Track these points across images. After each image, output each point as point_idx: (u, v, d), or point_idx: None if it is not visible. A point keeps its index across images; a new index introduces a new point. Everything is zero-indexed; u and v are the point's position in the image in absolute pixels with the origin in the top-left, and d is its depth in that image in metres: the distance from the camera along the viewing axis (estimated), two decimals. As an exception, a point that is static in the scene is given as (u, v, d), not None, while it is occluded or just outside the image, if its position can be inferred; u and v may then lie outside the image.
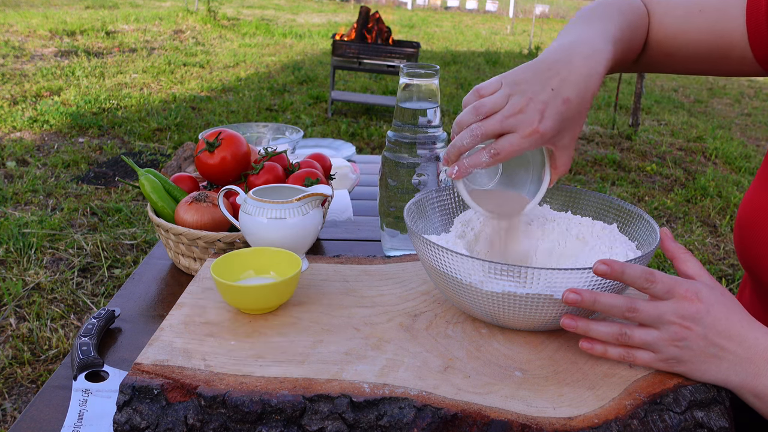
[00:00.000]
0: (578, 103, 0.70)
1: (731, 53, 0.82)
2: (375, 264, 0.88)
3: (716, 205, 3.88)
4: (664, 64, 0.89)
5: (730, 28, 0.80)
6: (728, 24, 0.80)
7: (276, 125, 1.42)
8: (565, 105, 0.69)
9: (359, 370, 0.63)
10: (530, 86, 0.70)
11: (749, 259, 0.80)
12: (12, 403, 1.89)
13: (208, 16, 10.09)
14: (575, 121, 0.71)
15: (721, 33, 0.81)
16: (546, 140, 0.70)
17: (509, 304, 0.68)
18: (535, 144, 0.69)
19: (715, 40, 0.82)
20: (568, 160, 0.74)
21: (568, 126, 0.71)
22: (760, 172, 0.82)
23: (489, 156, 0.70)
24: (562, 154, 0.73)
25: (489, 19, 16.55)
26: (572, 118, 0.70)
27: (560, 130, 0.70)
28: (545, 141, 0.70)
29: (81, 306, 2.37)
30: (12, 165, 3.66)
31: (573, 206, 0.86)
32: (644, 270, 0.63)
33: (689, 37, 0.84)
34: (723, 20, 0.81)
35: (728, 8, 0.80)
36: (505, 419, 0.57)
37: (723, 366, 0.62)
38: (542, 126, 0.68)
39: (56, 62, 6.49)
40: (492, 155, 0.70)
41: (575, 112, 0.70)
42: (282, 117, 5.18)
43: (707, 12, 0.82)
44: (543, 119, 0.68)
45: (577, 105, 0.70)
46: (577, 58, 0.71)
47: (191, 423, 0.59)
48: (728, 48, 0.81)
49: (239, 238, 0.94)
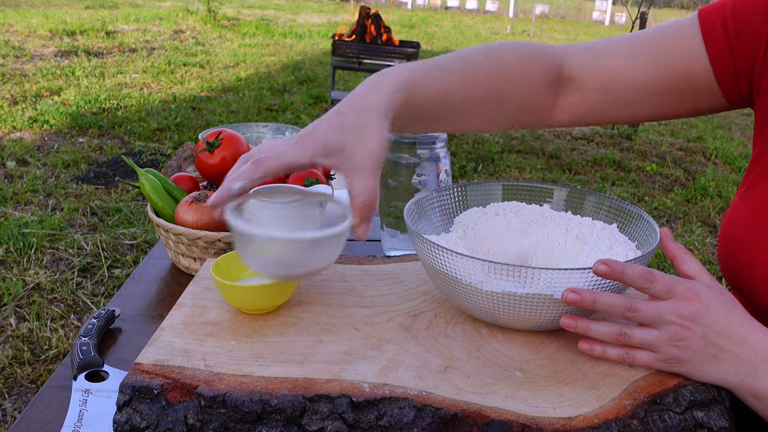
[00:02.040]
0: (355, 113, 0.64)
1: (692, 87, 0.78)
2: (375, 264, 0.88)
3: (716, 205, 3.88)
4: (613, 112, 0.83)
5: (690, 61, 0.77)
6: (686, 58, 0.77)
7: (276, 125, 1.42)
8: (338, 116, 0.65)
9: (359, 370, 0.63)
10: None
11: (736, 278, 0.77)
12: (12, 403, 1.89)
13: (208, 16, 10.09)
14: (359, 134, 0.63)
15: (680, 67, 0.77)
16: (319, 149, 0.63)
17: (509, 304, 0.68)
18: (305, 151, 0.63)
19: (673, 75, 0.78)
20: (364, 188, 0.62)
21: (350, 141, 0.63)
22: (742, 189, 0.80)
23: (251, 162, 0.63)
24: (355, 179, 0.63)
25: (489, 19, 16.55)
26: (353, 129, 0.63)
27: (342, 143, 0.63)
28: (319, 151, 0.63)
29: (81, 306, 2.37)
30: (12, 165, 3.66)
31: (573, 206, 0.86)
32: (644, 270, 0.63)
33: (643, 77, 0.79)
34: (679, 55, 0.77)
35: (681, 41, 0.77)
36: (505, 419, 0.57)
37: (722, 366, 0.62)
38: (312, 133, 0.64)
39: (56, 62, 6.49)
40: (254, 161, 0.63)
41: (356, 122, 0.64)
42: (282, 117, 5.18)
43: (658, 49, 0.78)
44: (314, 129, 0.64)
45: (354, 114, 0.64)
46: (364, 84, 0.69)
47: (191, 423, 0.59)
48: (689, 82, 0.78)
49: (239, 238, 0.93)
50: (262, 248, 0.59)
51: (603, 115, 0.84)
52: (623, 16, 18.02)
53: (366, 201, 0.62)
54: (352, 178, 0.63)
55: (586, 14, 19.65)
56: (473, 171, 4.17)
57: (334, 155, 0.63)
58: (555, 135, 5.23)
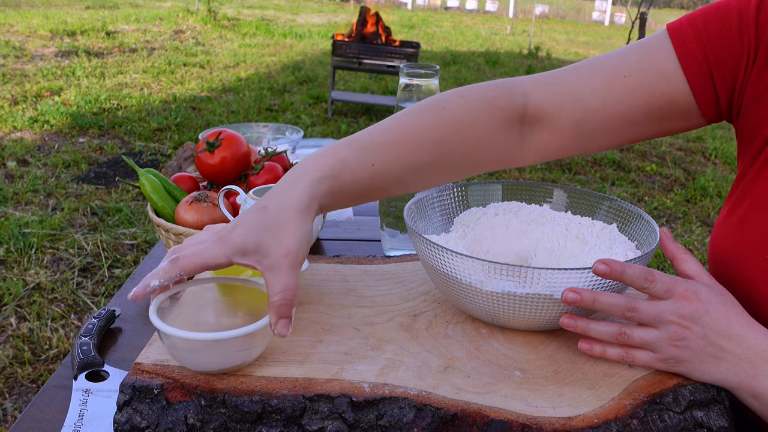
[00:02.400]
0: (276, 210, 0.64)
1: (672, 110, 0.75)
2: (375, 264, 0.88)
3: (716, 205, 3.88)
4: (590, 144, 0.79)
5: (668, 85, 0.73)
6: (664, 82, 0.73)
7: (276, 125, 1.43)
8: (260, 213, 0.64)
9: (359, 369, 0.63)
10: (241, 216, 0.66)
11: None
12: (12, 403, 1.89)
13: (208, 16, 10.09)
14: (275, 232, 0.63)
15: (658, 92, 0.73)
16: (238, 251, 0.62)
17: (509, 304, 0.68)
18: (222, 252, 0.62)
19: (651, 101, 0.74)
20: (281, 287, 0.61)
21: (270, 239, 0.62)
22: (727, 207, 0.77)
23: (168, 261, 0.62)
24: (269, 277, 0.62)
25: (489, 19, 16.55)
26: (269, 228, 0.63)
27: (259, 243, 0.62)
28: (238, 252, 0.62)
29: (81, 306, 2.37)
30: (12, 165, 3.66)
31: (573, 206, 0.86)
32: (643, 270, 0.63)
33: (620, 107, 0.74)
34: (656, 79, 0.73)
35: (656, 64, 0.73)
36: (505, 419, 0.58)
37: (722, 366, 0.62)
38: (230, 234, 0.63)
39: (56, 62, 6.49)
40: (171, 260, 0.62)
41: (272, 221, 0.63)
42: (282, 117, 5.18)
43: (633, 75, 0.74)
44: (234, 228, 0.63)
45: (274, 213, 0.63)
46: (287, 174, 0.68)
47: (191, 423, 0.59)
48: (668, 106, 0.74)
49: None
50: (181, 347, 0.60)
51: (578, 148, 0.80)
52: (623, 16, 18.03)
53: (282, 300, 0.61)
54: (267, 277, 0.62)
55: (586, 14, 19.65)
56: (473, 171, 4.16)
57: (250, 255, 0.62)
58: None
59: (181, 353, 0.61)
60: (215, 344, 0.59)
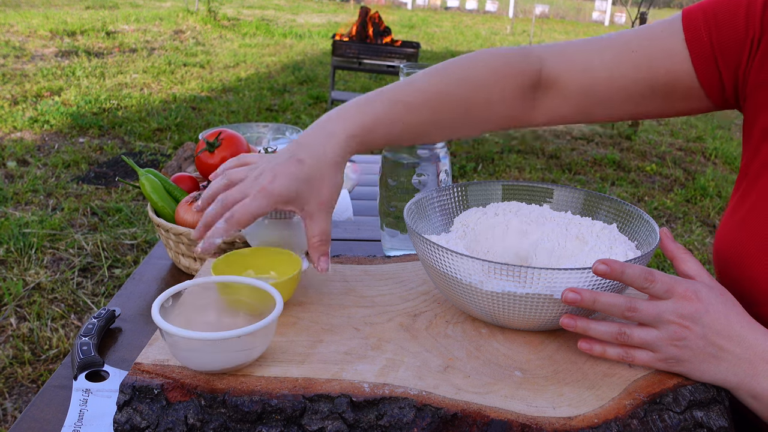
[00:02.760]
0: (313, 164, 0.71)
1: (676, 89, 0.78)
2: (375, 264, 0.88)
3: (716, 205, 3.88)
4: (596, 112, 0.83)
5: (673, 63, 0.76)
6: (669, 60, 0.76)
7: (276, 125, 1.42)
8: (298, 165, 0.71)
9: (359, 369, 0.63)
10: (274, 157, 0.74)
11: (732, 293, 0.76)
12: (12, 403, 1.89)
13: (208, 16, 10.09)
14: (314, 183, 0.71)
15: (663, 69, 0.77)
16: (280, 200, 0.70)
17: (509, 304, 0.68)
18: (266, 203, 0.69)
19: (656, 77, 0.77)
20: (317, 231, 0.72)
21: (308, 189, 0.71)
22: (734, 202, 0.79)
23: (225, 221, 0.70)
24: (308, 222, 0.72)
25: (489, 19, 16.55)
26: (309, 179, 0.71)
27: (298, 192, 0.70)
28: (280, 201, 0.70)
29: (81, 306, 2.37)
30: (12, 165, 3.66)
31: (573, 206, 0.86)
32: (643, 270, 0.63)
33: (626, 80, 0.79)
34: (662, 56, 0.77)
35: (664, 43, 0.76)
36: (505, 419, 0.58)
37: (722, 366, 0.62)
38: (271, 185, 0.70)
39: (56, 62, 6.49)
40: (226, 219, 0.70)
41: (311, 173, 0.71)
42: (282, 117, 5.18)
43: (641, 51, 0.78)
44: (274, 179, 0.70)
45: (311, 166, 0.71)
46: (315, 127, 0.74)
47: (191, 423, 0.59)
48: (673, 84, 0.77)
49: (239, 238, 0.94)
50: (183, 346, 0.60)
51: (585, 115, 0.84)
52: (623, 16, 18.02)
53: (320, 240, 0.72)
54: (307, 222, 0.72)
55: (585, 14, 19.65)
56: (473, 171, 4.17)
57: (291, 203, 0.71)
58: (555, 135, 5.23)
59: (182, 352, 0.61)
60: (216, 344, 0.59)
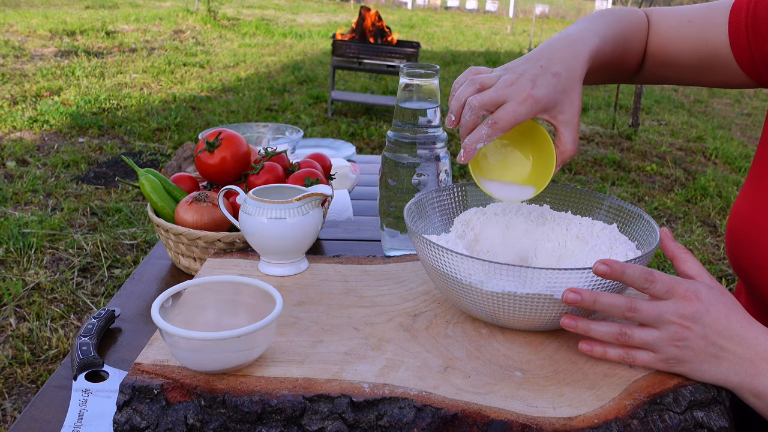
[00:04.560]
0: (567, 77, 0.75)
1: (716, 62, 0.85)
2: (375, 264, 0.88)
3: (716, 205, 3.88)
4: (660, 75, 0.93)
5: (715, 36, 0.83)
6: (713, 33, 0.84)
7: (276, 125, 1.42)
8: (555, 77, 0.74)
9: (359, 370, 0.63)
10: (520, 66, 0.76)
11: (742, 270, 0.80)
12: (12, 403, 1.89)
13: (208, 16, 10.09)
14: (569, 94, 0.75)
15: (706, 42, 0.84)
16: (542, 107, 0.73)
17: (509, 304, 0.68)
18: (531, 109, 0.72)
19: (700, 49, 0.85)
20: (572, 140, 0.76)
21: (563, 99, 0.74)
22: (748, 180, 0.83)
23: (488, 127, 0.73)
24: (565, 131, 0.76)
25: (489, 19, 16.55)
26: (565, 90, 0.74)
27: (556, 102, 0.74)
28: (541, 108, 0.73)
29: (81, 306, 2.37)
30: (12, 165, 3.66)
31: (573, 206, 0.86)
32: (644, 270, 0.63)
33: (679, 47, 0.88)
34: (708, 30, 0.84)
35: (713, 18, 0.84)
36: (505, 419, 0.57)
37: (723, 366, 0.62)
38: (535, 92, 0.72)
39: (56, 62, 6.49)
40: (490, 125, 0.72)
41: (566, 85, 0.75)
42: (282, 117, 5.18)
43: (695, 22, 0.85)
44: (535, 87, 0.73)
45: (566, 78, 0.75)
46: (560, 44, 0.78)
47: (191, 423, 0.59)
48: (713, 57, 0.85)
49: (239, 238, 0.94)
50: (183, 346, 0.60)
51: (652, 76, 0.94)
52: (623, 16, 17.98)
53: (574, 150, 0.76)
54: (562, 131, 0.76)
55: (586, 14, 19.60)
56: (473, 171, 4.16)
57: (549, 111, 0.74)
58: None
59: (182, 352, 0.61)
60: (217, 343, 0.59)
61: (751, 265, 0.74)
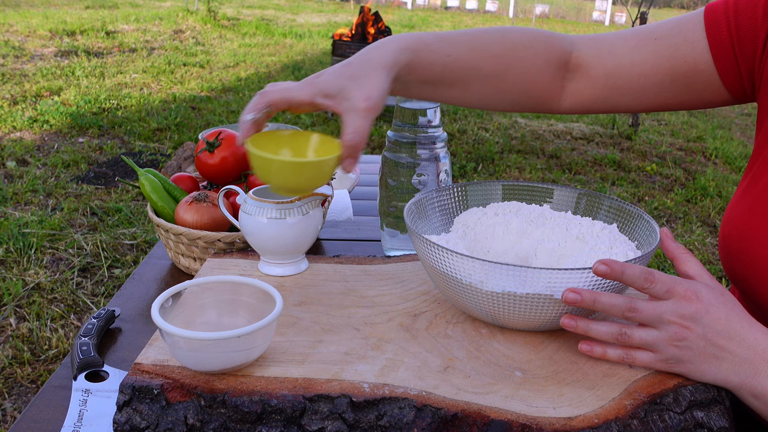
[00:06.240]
0: (360, 64, 0.72)
1: (695, 79, 0.80)
2: (375, 264, 0.88)
3: (716, 205, 3.88)
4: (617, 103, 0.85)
5: (693, 51, 0.79)
6: (689, 48, 0.79)
7: (276, 125, 1.42)
8: (346, 66, 0.72)
9: (359, 370, 0.63)
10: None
11: (736, 276, 0.78)
12: (12, 403, 1.89)
13: (208, 16, 10.09)
14: (359, 80, 0.70)
15: (683, 58, 0.79)
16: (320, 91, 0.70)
17: (509, 304, 0.68)
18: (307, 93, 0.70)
19: (675, 67, 0.80)
20: (353, 128, 0.69)
21: (350, 86, 0.70)
22: (742, 187, 0.80)
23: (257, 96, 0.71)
24: (347, 119, 0.70)
25: (489, 19, 16.55)
26: (353, 77, 0.71)
27: (341, 88, 0.70)
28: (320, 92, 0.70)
29: (81, 306, 2.37)
30: (12, 165, 3.66)
31: (573, 206, 0.86)
32: (644, 270, 0.63)
33: (644, 69, 0.81)
34: (683, 45, 0.79)
35: (686, 32, 0.79)
36: (505, 419, 0.57)
37: (722, 366, 0.62)
38: (317, 80, 0.71)
39: (56, 62, 6.49)
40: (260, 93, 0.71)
41: (357, 71, 0.71)
42: (282, 117, 5.17)
43: (663, 40, 0.80)
44: (320, 76, 0.71)
45: (358, 65, 0.72)
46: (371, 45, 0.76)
47: (191, 423, 0.59)
48: (691, 73, 0.80)
49: (239, 238, 0.94)
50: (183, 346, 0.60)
51: (608, 103, 0.86)
52: (623, 16, 18.02)
53: (352, 139, 0.69)
54: (345, 118, 0.70)
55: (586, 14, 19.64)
56: (473, 171, 4.17)
57: (332, 97, 0.70)
58: (555, 135, 5.23)
59: (182, 352, 0.61)
60: (216, 343, 0.59)
61: (745, 269, 0.74)
